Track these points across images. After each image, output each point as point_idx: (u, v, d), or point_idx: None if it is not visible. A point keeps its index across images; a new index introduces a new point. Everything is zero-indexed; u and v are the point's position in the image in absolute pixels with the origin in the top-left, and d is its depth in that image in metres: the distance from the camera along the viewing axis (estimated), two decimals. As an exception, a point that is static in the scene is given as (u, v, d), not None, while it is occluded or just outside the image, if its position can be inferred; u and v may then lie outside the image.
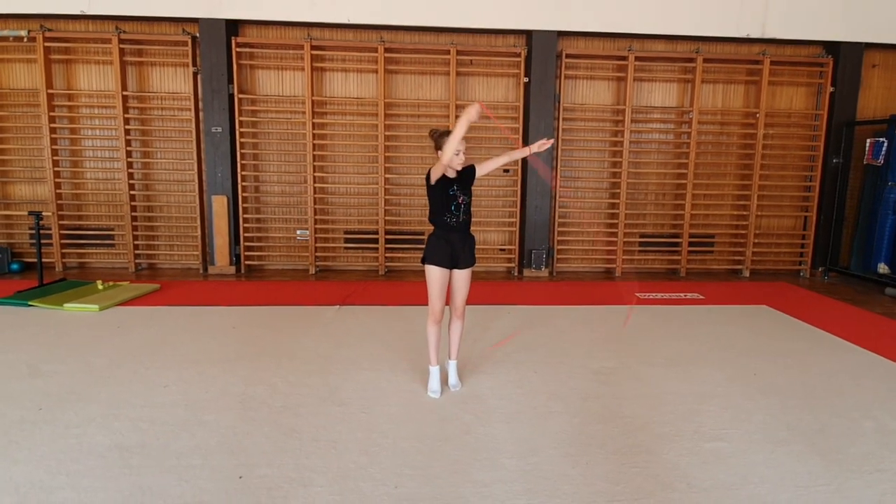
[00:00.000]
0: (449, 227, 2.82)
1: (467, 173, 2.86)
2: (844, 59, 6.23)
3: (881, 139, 6.02)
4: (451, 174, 2.80)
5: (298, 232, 6.29)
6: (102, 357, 3.43)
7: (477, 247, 3.08)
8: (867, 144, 6.20)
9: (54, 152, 5.92)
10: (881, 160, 6.01)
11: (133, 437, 2.48)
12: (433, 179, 2.74)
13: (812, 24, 6.06)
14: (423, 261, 2.85)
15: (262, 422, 2.66)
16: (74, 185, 6.14)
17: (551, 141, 2.95)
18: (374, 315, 4.48)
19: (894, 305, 5.22)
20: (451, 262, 2.84)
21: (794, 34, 6.09)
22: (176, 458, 2.32)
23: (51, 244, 5.98)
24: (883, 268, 5.99)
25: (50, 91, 5.84)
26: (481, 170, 2.90)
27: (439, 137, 2.77)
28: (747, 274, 6.51)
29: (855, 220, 6.61)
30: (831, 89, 6.31)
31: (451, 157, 2.66)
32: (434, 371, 3.01)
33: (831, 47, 6.29)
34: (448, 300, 2.96)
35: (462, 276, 2.90)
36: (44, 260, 5.34)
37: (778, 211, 6.61)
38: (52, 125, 5.88)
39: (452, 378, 3.07)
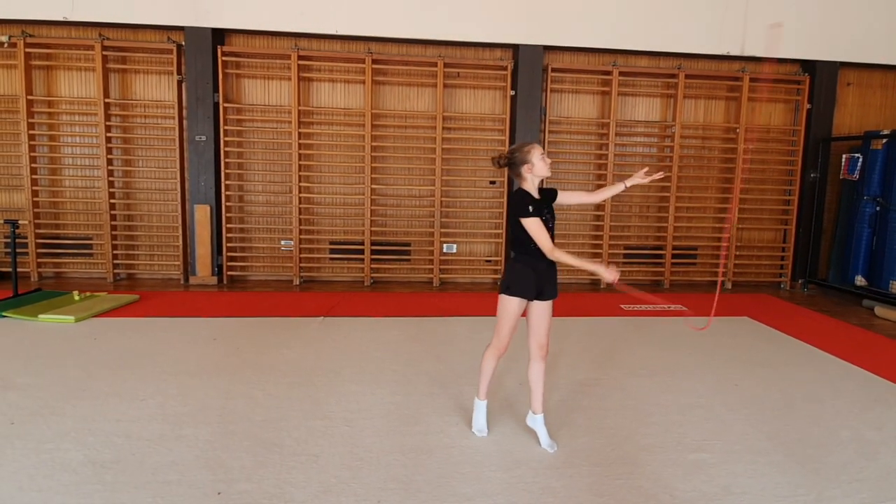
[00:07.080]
0: (538, 256, 2.51)
1: (549, 195, 2.62)
2: (820, 77, 6.41)
3: (856, 155, 6.19)
4: (534, 190, 2.55)
5: (283, 242, 6.24)
6: (77, 369, 3.34)
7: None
8: (843, 160, 6.36)
9: (32, 159, 5.80)
10: (856, 175, 6.18)
11: (107, 453, 2.41)
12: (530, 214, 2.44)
13: (789, 43, 6.24)
14: (506, 290, 2.54)
15: (241, 436, 2.60)
16: (52, 193, 6.02)
17: (659, 173, 2.77)
18: (358, 327, 4.44)
19: (871, 317, 5.33)
20: (535, 293, 2.55)
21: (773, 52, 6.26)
22: (152, 474, 2.26)
23: (27, 253, 5.84)
24: (860, 280, 6.12)
25: (30, 97, 5.73)
26: (563, 198, 2.68)
27: (515, 155, 2.53)
28: (729, 286, 6.61)
29: (832, 234, 6.75)
30: (808, 106, 6.47)
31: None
32: (482, 406, 2.71)
33: (808, 66, 6.47)
34: (526, 337, 2.64)
35: (546, 308, 2.60)
36: (19, 269, 5.21)
37: (758, 224, 6.73)
38: (31, 132, 5.77)
39: (544, 438, 2.61)
